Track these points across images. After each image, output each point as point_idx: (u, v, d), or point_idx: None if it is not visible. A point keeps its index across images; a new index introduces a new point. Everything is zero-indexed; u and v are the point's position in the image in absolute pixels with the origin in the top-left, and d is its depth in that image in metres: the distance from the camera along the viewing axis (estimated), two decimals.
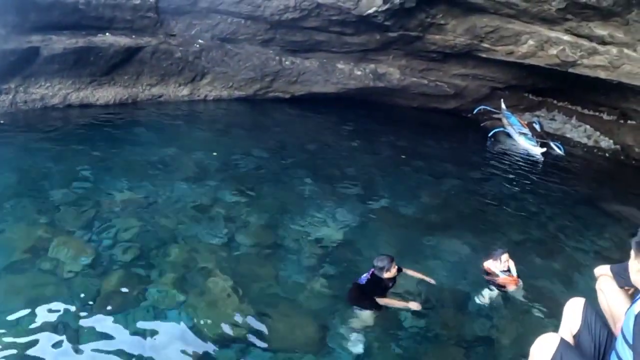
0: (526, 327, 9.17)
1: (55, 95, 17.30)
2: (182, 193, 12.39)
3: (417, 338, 8.56)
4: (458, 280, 10.36)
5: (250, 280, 9.34)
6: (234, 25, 20.11)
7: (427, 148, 20.30)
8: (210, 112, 20.34)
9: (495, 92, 25.44)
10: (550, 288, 10.53)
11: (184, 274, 9.21)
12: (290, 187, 13.96)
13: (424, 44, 21.41)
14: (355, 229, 11.99)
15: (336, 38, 21.07)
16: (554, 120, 26.66)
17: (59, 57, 16.63)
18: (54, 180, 12.13)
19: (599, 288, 4.68)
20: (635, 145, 22.61)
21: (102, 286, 8.55)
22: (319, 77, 22.48)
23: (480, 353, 8.47)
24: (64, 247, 9.40)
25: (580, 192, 17.75)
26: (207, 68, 20.35)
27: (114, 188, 12.10)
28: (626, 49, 17.46)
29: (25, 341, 7.16)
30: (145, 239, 10.14)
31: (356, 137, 20.25)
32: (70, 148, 14.23)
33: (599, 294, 4.68)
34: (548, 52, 19.47)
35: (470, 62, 22.97)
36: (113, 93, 18.61)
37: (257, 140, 17.81)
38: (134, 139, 15.72)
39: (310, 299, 9.15)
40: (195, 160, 14.69)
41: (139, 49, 18.45)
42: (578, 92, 24.21)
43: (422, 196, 14.84)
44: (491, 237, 12.58)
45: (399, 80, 23.65)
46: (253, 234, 11.07)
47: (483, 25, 19.59)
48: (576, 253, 12.41)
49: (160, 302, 8.39)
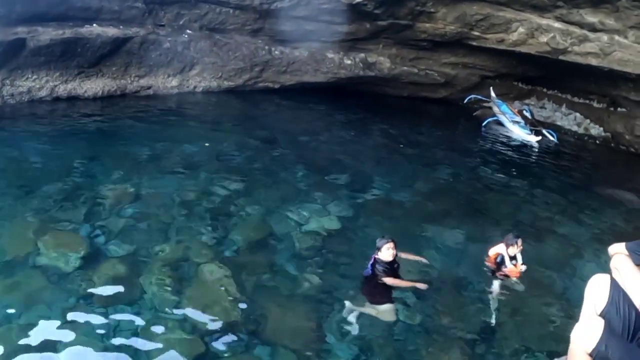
0: (526, 315, 9.17)
1: (43, 87, 17.10)
2: (174, 186, 12.26)
3: (415, 329, 8.48)
4: (455, 268, 10.31)
5: (246, 273, 9.24)
6: (222, 14, 19.92)
7: (419, 137, 20.26)
8: (200, 103, 20.17)
9: (485, 81, 25.34)
10: (548, 274, 10.50)
11: (178, 267, 9.10)
12: (282, 178, 13.85)
13: (414, 33, 21.29)
14: (350, 219, 11.92)
15: (326, 27, 20.89)
16: (544, 109, 26.63)
17: (46, 48, 16.43)
18: (44, 174, 11.99)
19: (614, 267, 4.58)
20: (626, 133, 22.58)
21: (96, 282, 8.42)
22: (308, 67, 22.34)
23: (481, 343, 8.39)
24: (55, 243, 9.27)
25: (574, 178, 17.77)
26: (196, 58, 20.16)
27: (105, 181, 11.94)
28: (617, 36, 17.45)
29: (17, 339, 7.04)
30: (138, 233, 10.02)
31: (347, 126, 20.17)
32: (59, 141, 14.09)
33: (614, 272, 4.57)
34: (539, 39, 19.41)
35: (461, 50, 22.88)
36: (101, 85, 18.41)
37: (248, 131, 17.71)
38: (124, 132, 15.58)
39: (306, 291, 9.07)
40: (186, 152, 14.56)
41: (127, 40, 18.26)
42: (568, 80, 24.16)
43: (416, 185, 14.80)
44: (487, 224, 12.58)
45: (389, 69, 23.54)
46: (247, 226, 10.99)
47: (473, 13, 19.51)
48: (572, 238, 12.39)
49: (154, 297, 8.29)
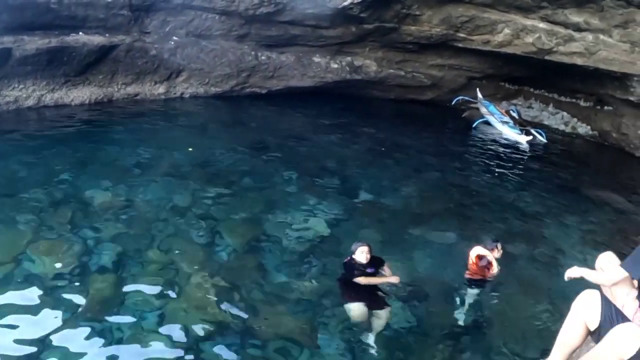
0: (512, 316, 9.23)
1: (30, 96, 17.07)
2: (162, 192, 12.25)
3: (403, 332, 8.51)
4: (442, 271, 10.34)
5: (235, 278, 9.26)
6: (208, 21, 19.91)
7: (407, 139, 20.26)
8: (187, 110, 20.15)
9: (472, 82, 25.46)
10: (535, 275, 10.60)
11: (168, 274, 9.10)
12: (271, 183, 13.87)
13: (400, 35, 21.37)
14: (338, 223, 11.95)
15: (312, 31, 20.96)
16: (531, 108, 26.79)
17: (32, 57, 16.39)
18: (32, 183, 11.92)
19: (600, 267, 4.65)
20: (612, 130, 22.75)
21: (84, 290, 8.40)
22: (295, 72, 22.39)
23: (468, 344, 8.45)
24: (44, 252, 9.24)
25: (561, 178, 17.86)
26: (182, 65, 20.17)
27: (93, 190, 11.89)
28: (602, 35, 17.60)
29: (6, 349, 7.01)
30: (126, 240, 10.00)
31: (335, 130, 20.18)
32: (47, 150, 14.03)
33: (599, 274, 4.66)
34: (524, 40, 19.56)
35: (447, 52, 22.99)
36: (88, 93, 18.39)
37: (236, 137, 17.72)
38: (111, 140, 15.52)
39: (296, 295, 9.09)
40: (173, 159, 14.54)
41: (113, 48, 18.25)
42: (554, 80, 24.31)
43: (404, 188, 14.82)
44: (474, 226, 12.63)
45: (376, 73, 23.63)
46: (235, 231, 10.99)
47: (458, 15, 19.62)
48: (559, 239, 12.48)
49: (144, 304, 8.28)
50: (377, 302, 8.70)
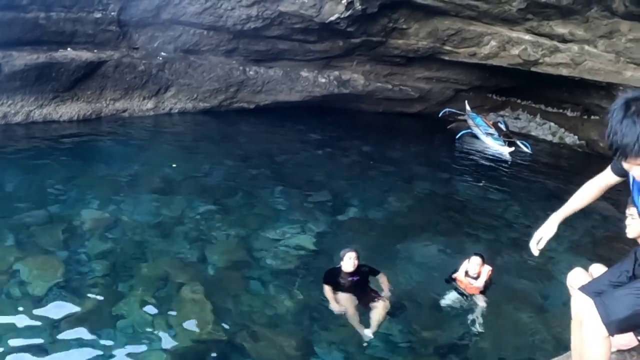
0: (502, 325, 9.22)
1: (18, 112, 17.06)
2: (151, 209, 12.23)
3: (390, 346, 8.51)
4: (431, 284, 10.32)
5: (224, 294, 9.25)
6: (196, 36, 19.95)
7: (395, 152, 20.35)
8: (175, 125, 20.16)
9: (459, 94, 25.62)
10: (523, 286, 10.59)
11: (158, 289, 9.09)
12: (259, 198, 13.85)
13: (387, 49, 21.50)
14: (327, 237, 11.95)
15: (299, 46, 21.05)
16: (519, 119, 27.00)
17: (20, 73, 16.38)
18: (20, 198, 11.90)
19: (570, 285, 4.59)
20: (600, 140, 22.87)
21: (74, 307, 8.37)
22: (283, 86, 22.47)
23: (458, 355, 8.45)
24: (33, 269, 9.20)
25: (548, 188, 17.90)
26: (171, 80, 20.20)
27: (82, 206, 11.89)
28: (587, 46, 17.77)
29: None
30: (115, 257, 9.96)
31: (323, 144, 20.22)
32: (35, 166, 14.00)
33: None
34: (510, 52, 19.72)
35: (434, 65, 23.14)
36: (76, 109, 18.38)
37: (224, 152, 17.75)
38: (100, 155, 15.52)
39: (286, 309, 9.07)
40: (162, 174, 14.50)
41: (102, 63, 18.25)
42: (541, 91, 24.54)
43: (392, 201, 14.86)
44: (462, 238, 12.63)
45: (364, 86, 23.74)
46: (224, 247, 10.98)
47: (445, 28, 19.76)
48: (547, 248, 12.37)
49: (134, 320, 8.25)
50: (368, 297, 8.81)
